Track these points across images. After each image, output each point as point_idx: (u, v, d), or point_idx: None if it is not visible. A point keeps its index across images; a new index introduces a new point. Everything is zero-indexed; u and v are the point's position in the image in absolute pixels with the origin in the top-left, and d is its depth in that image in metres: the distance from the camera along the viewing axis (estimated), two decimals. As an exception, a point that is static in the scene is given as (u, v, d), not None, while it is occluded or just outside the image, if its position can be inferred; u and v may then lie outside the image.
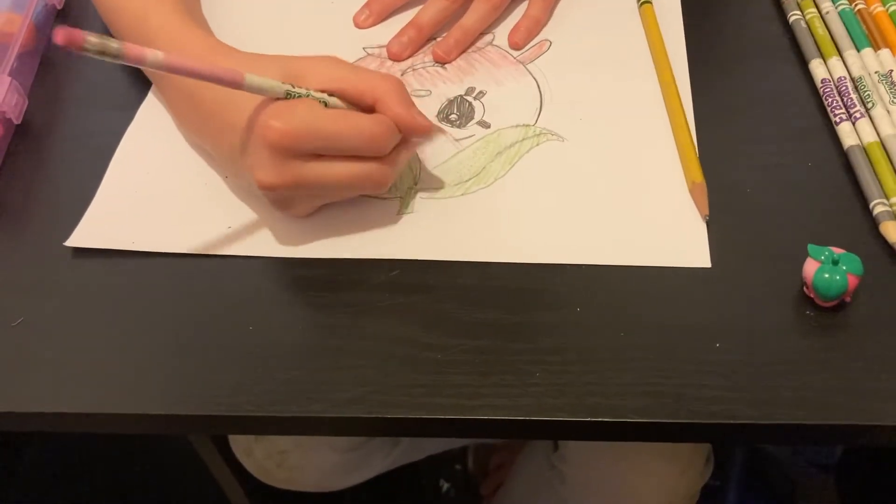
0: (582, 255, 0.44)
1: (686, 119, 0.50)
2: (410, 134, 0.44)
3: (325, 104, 0.43)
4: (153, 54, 0.37)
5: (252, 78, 0.40)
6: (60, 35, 0.33)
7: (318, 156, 0.42)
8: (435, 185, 0.48)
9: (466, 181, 0.48)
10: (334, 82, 0.43)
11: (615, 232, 0.45)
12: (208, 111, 0.45)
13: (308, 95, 0.42)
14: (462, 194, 0.48)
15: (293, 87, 0.41)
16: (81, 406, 0.41)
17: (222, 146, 0.45)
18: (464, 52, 0.55)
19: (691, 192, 0.46)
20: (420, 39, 0.56)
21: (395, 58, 0.55)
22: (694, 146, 0.48)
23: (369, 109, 0.43)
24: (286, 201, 0.44)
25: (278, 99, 0.42)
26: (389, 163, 0.44)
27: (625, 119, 0.51)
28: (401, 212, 0.47)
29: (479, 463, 1.09)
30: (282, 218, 0.47)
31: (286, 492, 0.75)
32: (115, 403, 0.41)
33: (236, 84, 0.39)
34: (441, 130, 0.50)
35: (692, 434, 0.40)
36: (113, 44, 0.35)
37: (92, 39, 0.34)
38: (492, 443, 1.04)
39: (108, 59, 0.36)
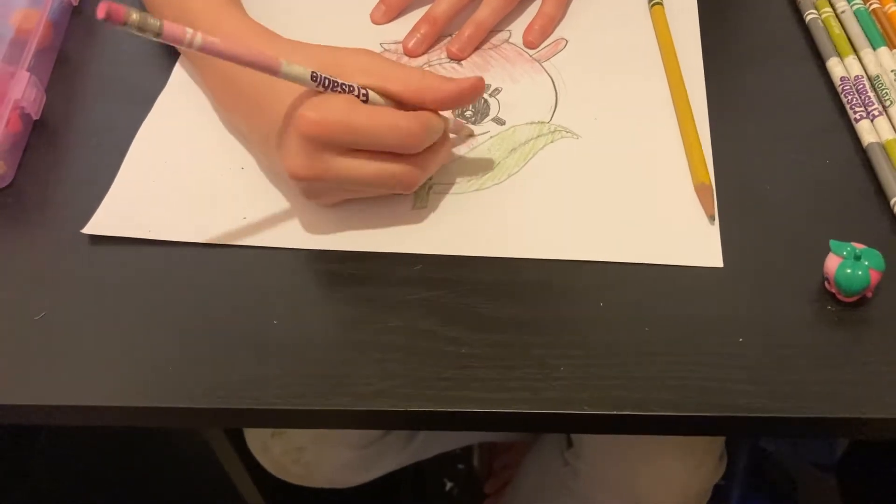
0: (594, 252, 0.44)
1: (694, 120, 0.50)
2: (461, 102, 0.44)
3: (367, 98, 0.43)
4: (192, 35, 0.37)
5: (288, 66, 0.40)
6: (102, 8, 0.33)
7: (351, 150, 0.42)
8: (449, 180, 0.48)
9: (480, 177, 0.48)
10: (373, 76, 0.43)
11: (627, 230, 0.45)
12: (247, 96, 0.45)
13: (351, 89, 0.42)
14: (476, 190, 0.48)
15: (330, 78, 0.41)
16: (104, 399, 0.41)
17: (258, 131, 0.45)
18: (478, 48, 0.56)
19: (697, 192, 0.47)
20: (434, 33, 0.56)
21: (411, 54, 0.55)
22: (701, 147, 0.48)
23: (406, 106, 0.43)
24: (315, 191, 0.44)
25: (317, 90, 0.42)
26: (420, 165, 0.44)
27: (640, 118, 0.51)
28: (415, 206, 0.47)
29: (484, 462, 1.09)
30: (296, 210, 0.47)
31: (296, 488, 0.75)
32: (137, 397, 0.41)
33: (272, 70, 0.40)
34: (470, 130, 0.51)
35: (717, 427, 0.40)
36: (153, 21, 0.35)
37: (133, 15, 0.34)
38: (497, 442, 1.04)
39: (148, 36, 0.35)
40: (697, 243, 0.45)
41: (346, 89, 0.42)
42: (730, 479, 1.04)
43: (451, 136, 0.49)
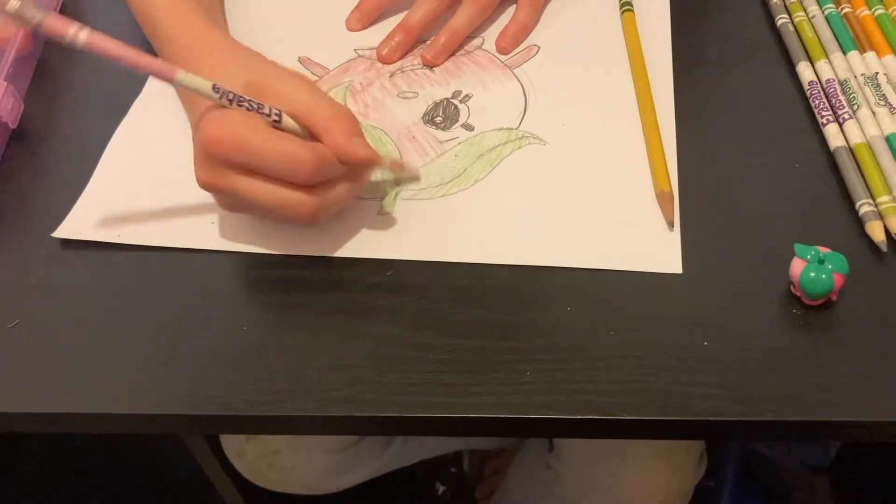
0: (554, 258, 0.45)
1: (657, 127, 0.50)
2: (348, 163, 0.43)
3: (279, 120, 0.42)
4: (76, 32, 0.36)
5: (185, 75, 0.40)
6: None
7: (248, 170, 0.41)
8: (416, 185, 0.49)
9: (447, 182, 0.49)
10: (291, 104, 0.42)
11: (589, 236, 0.46)
12: (187, 100, 0.47)
13: (257, 108, 0.41)
14: (442, 195, 0.48)
15: (235, 94, 0.41)
16: (77, 406, 0.41)
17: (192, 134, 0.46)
18: (452, 55, 0.56)
19: (658, 199, 0.47)
20: (409, 42, 0.56)
21: (385, 60, 0.56)
22: (663, 155, 0.49)
23: (317, 135, 0.43)
24: (221, 202, 0.45)
25: (220, 103, 0.41)
26: (317, 195, 0.42)
27: (607, 125, 0.51)
28: (381, 212, 0.48)
29: (475, 466, 1.09)
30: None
31: (282, 494, 0.75)
32: (110, 403, 0.41)
33: (168, 78, 0.40)
34: (401, 168, 0.49)
35: (680, 431, 0.41)
36: (33, 12, 0.34)
37: (12, 2, 0.33)
38: (487, 448, 1.04)
39: (29, 27, 0.35)
40: (657, 250, 0.45)
41: (255, 107, 0.41)
42: (721, 481, 1.04)
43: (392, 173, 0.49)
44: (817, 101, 0.50)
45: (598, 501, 0.69)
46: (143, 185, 0.49)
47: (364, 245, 0.46)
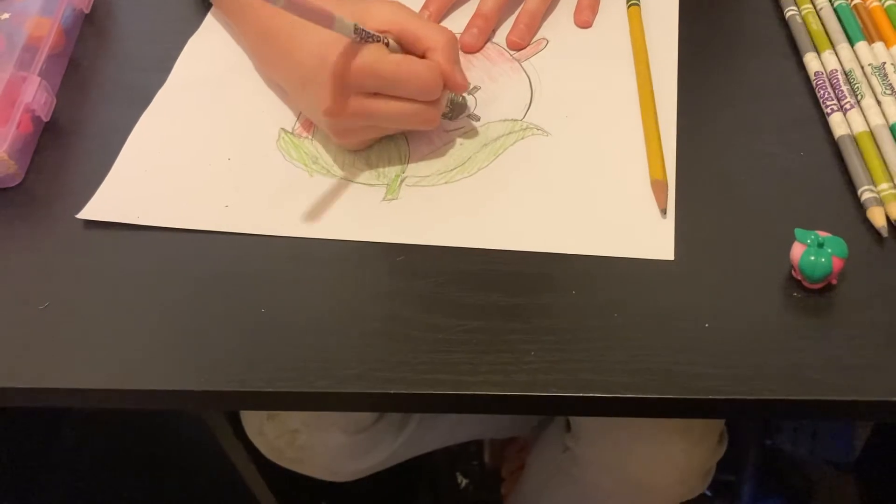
0: (548, 243, 0.46)
1: (656, 118, 0.51)
2: (449, 87, 0.49)
3: (388, 45, 0.47)
4: None
5: (340, 20, 0.44)
6: None
7: (376, 94, 0.47)
8: (421, 173, 0.51)
9: (451, 170, 0.50)
10: (394, 25, 0.48)
11: (583, 223, 0.47)
12: (282, 49, 0.50)
13: (379, 39, 0.47)
14: (445, 183, 0.50)
15: (367, 31, 0.46)
16: (103, 383, 0.44)
17: (294, 79, 0.51)
18: (535, 33, 0.58)
19: (652, 187, 0.48)
20: (488, 28, 0.58)
21: (470, 50, 0.58)
22: (659, 145, 0.50)
23: (420, 54, 0.48)
24: (345, 131, 0.50)
25: (353, 40, 0.46)
26: (436, 104, 0.49)
27: (609, 117, 0.52)
28: (386, 198, 0.49)
29: (496, 458, 1.10)
30: (275, 199, 0.50)
31: (303, 480, 0.77)
32: (131, 380, 0.43)
33: (327, 23, 0.44)
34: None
35: (681, 409, 0.42)
36: None
37: None
38: (503, 436, 1.05)
39: None
40: (649, 237, 0.46)
41: (377, 39, 0.47)
42: (742, 476, 1.04)
43: None
44: (823, 91, 0.51)
45: (615, 480, 0.69)
46: (164, 171, 0.52)
47: (370, 229, 0.48)
